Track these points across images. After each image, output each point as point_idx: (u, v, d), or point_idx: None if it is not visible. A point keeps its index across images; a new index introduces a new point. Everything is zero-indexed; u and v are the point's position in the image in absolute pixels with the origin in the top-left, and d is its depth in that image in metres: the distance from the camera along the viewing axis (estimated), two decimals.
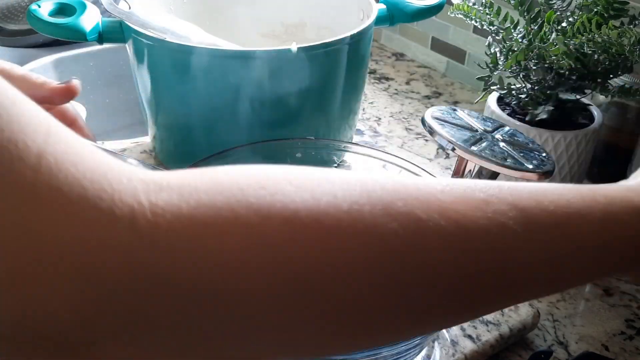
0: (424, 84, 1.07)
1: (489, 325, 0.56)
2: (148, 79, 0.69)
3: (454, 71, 1.09)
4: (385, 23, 0.77)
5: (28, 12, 0.63)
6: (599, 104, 0.74)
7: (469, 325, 0.56)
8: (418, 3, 0.77)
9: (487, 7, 0.66)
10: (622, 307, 0.62)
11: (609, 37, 0.55)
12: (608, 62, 0.59)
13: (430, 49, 1.12)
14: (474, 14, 0.66)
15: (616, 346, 0.58)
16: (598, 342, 0.58)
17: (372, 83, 1.06)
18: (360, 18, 0.77)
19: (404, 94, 1.03)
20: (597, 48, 0.57)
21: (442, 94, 1.04)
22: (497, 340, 0.55)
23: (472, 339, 0.55)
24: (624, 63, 0.59)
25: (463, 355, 0.54)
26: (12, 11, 0.90)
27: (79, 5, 0.65)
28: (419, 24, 1.12)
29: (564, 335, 0.58)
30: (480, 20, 0.66)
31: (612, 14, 0.60)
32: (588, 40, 0.56)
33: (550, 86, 0.63)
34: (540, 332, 0.59)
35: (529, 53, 0.61)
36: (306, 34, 0.85)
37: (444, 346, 0.54)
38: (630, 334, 0.59)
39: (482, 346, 0.55)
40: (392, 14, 0.76)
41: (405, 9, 0.76)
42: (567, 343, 0.58)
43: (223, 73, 0.63)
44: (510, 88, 0.66)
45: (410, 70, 1.12)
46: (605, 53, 0.57)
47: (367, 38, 0.71)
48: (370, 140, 0.89)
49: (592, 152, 0.66)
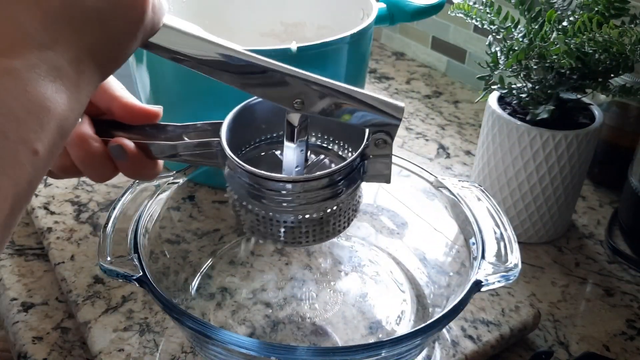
0: (424, 83, 1.07)
1: (489, 326, 0.56)
2: (147, 79, 0.68)
3: (455, 70, 1.08)
4: (386, 22, 0.76)
5: None
6: (600, 104, 0.74)
7: (469, 325, 0.56)
8: (418, 2, 0.77)
9: (487, 6, 0.66)
10: (623, 308, 0.62)
11: (610, 37, 0.55)
12: (609, 61, 0.59)
13: (431, 49, 1.12)
14: (475, 13, 0.66)
15: (617, 346, 0.57)
16: (599, 343, 0.58)
17: (372, 82, 1.06)
18: (360, 17, 0.77)
19: (404, 94, 1.03)
20: (598, 47, 0.57)
21: (443, 94, 1.03)
22: (497, 341, 0.55)
23: (473, 340, 0.55)
24: (624, 62, 0.59)
25: (464, 355, 0.53)
26: None
27: None
28: (419, 23, 1.12)
29: (565, 335, 0.58)
30: (481, 20, 0.66)
31: (613, 13, 0.60)
32: (589, 40, 0.56)
33: (551, 85, 0.63)
34: (541, 332, 0.58)
35: (530, 52, 0.61)
36: (306, 33, 0.85)
37: (445, 346, 0.54)
38: (631, 334, 0.59)
39: (482, 346, 0.54)
40: (392, 13, 0.76)
41: (406, 8, 0.76)
42: (568, 343, 0.57)
43: None
44: (511, 87, 0.66)
45: (410, 69, 1.12)
46: (606, 52, 0.57)
47: (367, 37, 0.71)
48: None
49: (592, 151, 0.66)
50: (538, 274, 0.65)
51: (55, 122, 0.29)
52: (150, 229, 0.53)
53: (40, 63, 0.29)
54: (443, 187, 0.58)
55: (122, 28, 0.33)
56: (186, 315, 0.44)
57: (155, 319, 0.56)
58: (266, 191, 0.43)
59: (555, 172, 0.64)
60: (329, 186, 0.43)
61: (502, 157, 0.66)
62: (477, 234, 0.52)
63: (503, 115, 0.65)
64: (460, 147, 0.88)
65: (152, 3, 0.35)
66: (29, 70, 0.28)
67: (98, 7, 0.31)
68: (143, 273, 0.47)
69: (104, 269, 0.47)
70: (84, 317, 0.56)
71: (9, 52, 0.28)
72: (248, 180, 0.43)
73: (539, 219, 0.67)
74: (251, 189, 0.44)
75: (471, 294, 0.47)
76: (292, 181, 0.43)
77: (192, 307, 0.56)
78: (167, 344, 0.54)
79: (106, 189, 0.74)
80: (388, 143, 0.43)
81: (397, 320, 0.56)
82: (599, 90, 0.62)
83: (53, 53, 0.30)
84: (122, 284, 0.59)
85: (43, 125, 0.29)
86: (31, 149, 0.28)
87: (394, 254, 0.63)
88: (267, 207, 0.44)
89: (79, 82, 0.31)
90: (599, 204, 0.77)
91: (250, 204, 0.45)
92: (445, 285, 0.56)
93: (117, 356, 0.52)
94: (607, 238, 0.70)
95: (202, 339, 0.46)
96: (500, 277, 0.48)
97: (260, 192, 0.43)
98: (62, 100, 0.30)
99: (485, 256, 0.50)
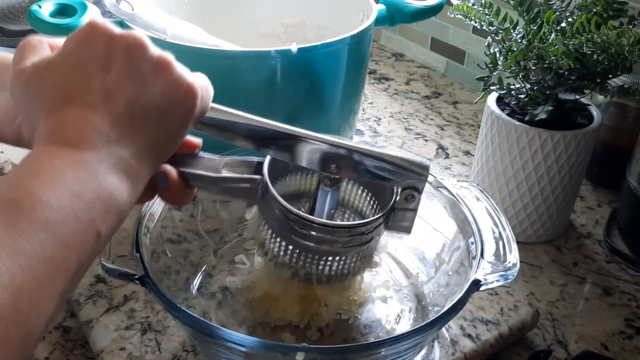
0: (424, 84, 1.07)
1: (488, 325, 0.57)
2: None
3: (454, 71, 1.09)
4: (385, 23, 0.77)
5: (29, 13, 0.63)
6: (598, 104, 0.74)
7: (468, 324, 0.57)
8: (418, 3, 0.77)
9: (486, 8, 0.66)
10: (621, 307, 0.62)
11: (608, 37, 0.55)
12: (607, 62, 0.59)
13: (430, 50, 1.12)
14: (474, 15, 0.66)
15: (615, 345, 0.58)
16: (597, 342, 0.58)
17: (372, 83, 1.06)
18: (360, 18, 0.77)
19: (403, 94, 1.03)
20: (596, 48, 0.57)
21: (442, 94, 1.04)
22: (496, 340, 0.56)
23: (472, 338, 0.55)
24: (623, 63, 0.59)
25: (463, 354, 0.54)
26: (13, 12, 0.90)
27: (80, 5, 0.65)
28: (419, 25, 1.12)
29: (564, 334, 0.58)
30: (480, 21, 0.66)
31: (611, 14, 0.60)
32: (587, 41, 0.57)
33: (549, 86, 0.63)
34: (539, 331, 0.59)
35: (529, 53, 0.61)
36: (306, 34, 0.85)
37: (444, 345, 0.54)
38: (629, 333, 0.59)
39: (481, 345, 0.55)
40: (392, 14, 0.76)
41: (405, 10, 0.77)
42: (567, 342, 0.58)
43: (224, 73, 0.63)
44: (510, 88, 0.66)
45: (409, 70, 1.12)
46: (605, 53, 0.57)
47: (367, 38, 0.71)
48: (370, 140, 0.90)
49: (591, 152, 0.66)
50: (537, 273, 0.66)
51: (117, 208, 0.33)
52: (151, 228, 0.54)
53: (108, 157, 0.33)
54: (442, 187, 0.58)
55: (177, 120, 0.37)
56: (187, 314, 0.45)
57: (156, 318, 0.56)
58: (305, 232, 0.46)
59: (554, 172, 0.64)
60: (362, 234, 0.47)
61: (500, 157, 0.66)
62: (476, 233, 0.53)
63: (502, 115, 0.65)
64: (459, 148, 0.88)
65: (201, 95, 0.38)
66: (99, 162, 0.33)
67: (156, 106, 0.36)
68: (145, 272, 0.47)
69: (106, 268, 0.48)
70: (86, 316, 0.56)
71: (82, 146, 0.33)
72: (291, 223, 0.46)
73: (538, 218, 0.68)
74: (288, 227, 0.46)
75: (470, 293, 0.47)
76: (341, 227, 0.47)
77: (194, 306, 0.57)
78: (168, 342, 0.54)
79: None
80: (416, 198, 0.47)
81: (397, 319, 0.57)
82: (598, 91, 0.63)
83: (119, 149, 0.34)
84: (124, 283, 0.59)
85: (108, 210, 0.33)
86: (96, 230, 0.32)
87: (394, 254, 0.64)
88: (297, 244, 0.47)
89: (139, 173, 0.35)
90: (598, 204, 0.78)
91: (284, 239, 0.48)
92: (445, 285, 0.57)
93: (119, 355, 0.52)
94: (606, 238, 0.71)
95: (203, 337, 0.46)
96: (499, 277, 0.48)
97: (297, 231, 0.46)
98: (124, 189, 0.34)
99: (484, 255, 0.50)
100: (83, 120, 0.34)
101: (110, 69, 0.35)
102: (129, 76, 0.35)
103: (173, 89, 0.36)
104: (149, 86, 0.35)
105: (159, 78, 0.36)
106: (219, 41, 0.70)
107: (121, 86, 0.35)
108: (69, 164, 0.32)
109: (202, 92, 0.38)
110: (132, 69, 0.35)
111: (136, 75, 0.35)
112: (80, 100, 0.34)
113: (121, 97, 0.35)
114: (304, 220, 0.46)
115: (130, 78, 0.35)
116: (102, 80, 0.34)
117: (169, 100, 0.36)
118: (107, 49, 0.35)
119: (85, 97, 0.34)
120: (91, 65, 0.35)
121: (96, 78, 0.34)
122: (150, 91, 0.35)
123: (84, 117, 0.34)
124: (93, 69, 0.35)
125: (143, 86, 0.35)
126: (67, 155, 0.32)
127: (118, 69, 0.35)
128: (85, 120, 0.33)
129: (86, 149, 0.33)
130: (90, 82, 0.34)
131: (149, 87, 0.35)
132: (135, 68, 0.35)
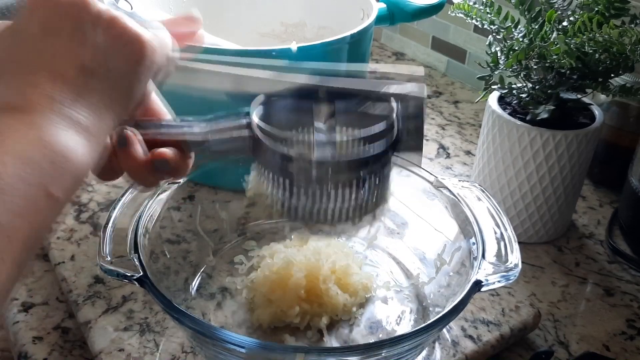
0: (425, 83, 1.07)
1: (489, 326, 0.56)
2: None
3: (455, 70, 1.08)
4: (386, 22, 0.76)
5: None
6: (600, 104, 0.74)
7: (469, 325, 0.56)
8: (418, 2, 0.77)
9: (487, 6, 0.66)
10: (623, 307, 0.62)
11: (610, 37, 0.55)
12: (609, 61, 0.59)
13: (431, 49, 1.12)
14: (475, 13, 0.66)
15: (617, 346, 0.57)
16: (599, 342, 0.58)
17: None
18: (361, 17, 0.77)
19: None
20: (598, 47, 0.57)
21: (443, 94, 1.03)
22: (497, 341, 0.55)
23: (473, 339, 0.55)
24: (625, 62, 0.59)
25: (464, 355, 0.53)
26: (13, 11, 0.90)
27: None
28: (419, 24, 1.12)
29: (565, 335, 0.58)
30: (481, 20, 0.66)
31: (613, 13, 0.60)
32: (589, 40, 0.56)
33: (551, 85, 0.63)
34: (541, 332, 0.58)
35: (530, 52, 0.61)
36: (306, 33, 0.85)
37: (445, 346, 0.54)
38: (631, 333, 0.59)
39: (482, 346, 0.55)
40: (393, 13, 0.76)
41: (406, 8, 0.76)
42: (568, 343, 0.57)
43: None
44: (511, 87, 0.66)
45: None
46: (606, 52, 0.57)
47: (367, 37, 0.71)
48: None
49: (593, 151, 0.66)
50: (538, 273, 0.65)
51: (72, 169, 0.33)
52: (150, 229, 0.53)
53: (58, 118, 0.33)
54: (443, 187, 0.58)
55: (128, 73, 0.37)
56: (186, 315, 0.44)
57: (155, 319, 0.56)
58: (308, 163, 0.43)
59: (556, 172, 0.64)
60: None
61: (502, 157, 0.66)
62: (477, 233, 0.52)
63: (503, 115, 0.65)
64: (460, 147, 0.88)
65: (152, 46, 0.37)
66: (49, 124, 0.32)
67: (105, 63, 0.35)
68: (143, 273, 0.47)
69: (104, 269, 0.47)
70: (85, 317, 0.56)
71: (30, 111, 0.32)
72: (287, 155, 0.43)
73: (539, 218, 0.67)
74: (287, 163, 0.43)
75: (471, 293, 0.47)
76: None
77: (193, 307, 0.56)
78: (167, 343, 0.54)
79: (106, 189, 0.74)
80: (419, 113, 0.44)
81: (397, 320, 0.56)
82: (599, 90, 0.62)
83: (69, 109, 0.33)
84: (123, 284, 0.59)
85: (62, 173, 0.32)
86: (49, 194, 0.31)
87: (394, 254, 0.63)
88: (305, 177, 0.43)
89: (93, 131, 0.35)
90: (599, 204, 0.77)
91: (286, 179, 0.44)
92: (446, 285, 0.56)
93: (118, 356, 0.52)
94: (607, 238, 0.70)
95: (203, 339, 0.46)
96: (500, 277, 0.48)
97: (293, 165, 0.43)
98: (79, 149, 0.33)
99: (486, 256, 0.50)
100: (31, 85, 0.33)
101: (56, 33, 0.35)
102: (74, 37, 0.35)
103: (119, 43, 0.36)
104: (95, 44, 0.35)
105: (103, 34, 0.35)
106: (218, 40, 0.70)
107: (68, 48, 0.34)
108: (16, 128, 0.31)
109: (154, 43, 0.38)
110: (76, 30, 0.35)
111: (81, 36, 0.35)
112: (28, 67, 0.34)
113: (68, 59, 0.34)
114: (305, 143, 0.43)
115: (75, 39, 0.35)
116: (49, 44, 0.34)
117: (116, 55, 0.36)
118: (51, 13, 0.35)
119: (32, 62, 0.34)
120: (37, 32, 0.35)
121: (43, 42, 0.35)
122: (96, 49, 0.35)
123: (32, 82, 0.33)
124: (39, 35, 0.35)
125: (89, 45, 0.35)
126: (14, 120, 0.32)
127: (65, 32, 0.35)
128: (33, 85, 0.33)
129: (34, 112, 0.32)
130: (36, 47, 0.34)
131: (95, 45, 0.35)
132: (79, 29, 0.35)
